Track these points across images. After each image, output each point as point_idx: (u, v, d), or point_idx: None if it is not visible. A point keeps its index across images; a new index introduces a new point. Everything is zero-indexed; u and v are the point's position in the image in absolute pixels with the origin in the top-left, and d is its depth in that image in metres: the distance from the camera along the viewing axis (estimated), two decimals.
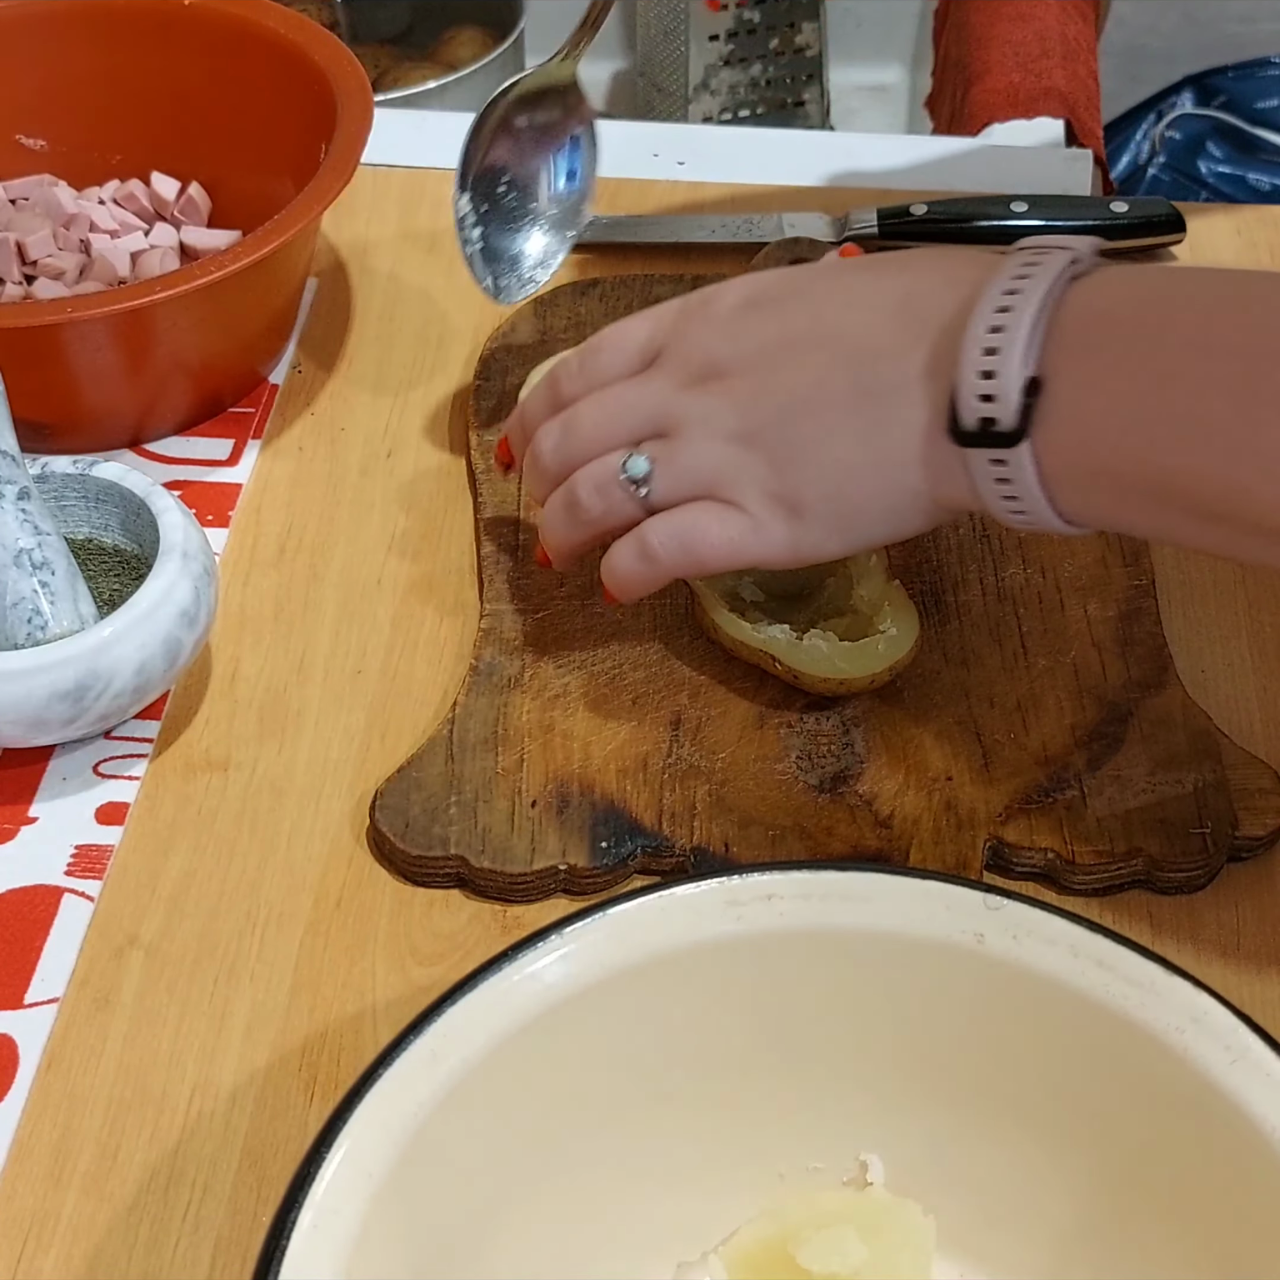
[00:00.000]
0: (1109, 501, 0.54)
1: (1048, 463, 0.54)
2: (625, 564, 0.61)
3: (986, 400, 0.53)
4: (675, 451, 0.59)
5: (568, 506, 0.62)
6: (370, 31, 1.35)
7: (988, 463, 0.54)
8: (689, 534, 0.59)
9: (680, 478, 0.59)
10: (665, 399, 0.60)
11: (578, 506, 0.61)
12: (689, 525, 0.59)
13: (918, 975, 0.49)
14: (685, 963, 0.49)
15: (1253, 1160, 0.46)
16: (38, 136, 0.83)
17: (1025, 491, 0.55)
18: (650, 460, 0.60)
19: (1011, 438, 0.53)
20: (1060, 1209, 0.51)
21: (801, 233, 0.84)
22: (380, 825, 0.61)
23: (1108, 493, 0.54)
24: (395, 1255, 0.45)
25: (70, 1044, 0.57)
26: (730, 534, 0.59)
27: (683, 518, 0.59)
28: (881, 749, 0.63)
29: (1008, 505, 0.55)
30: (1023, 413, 0.53)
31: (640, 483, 0.60)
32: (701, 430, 0.59)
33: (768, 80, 1.33)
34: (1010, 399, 0.53)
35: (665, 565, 0.60)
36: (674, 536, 0.59)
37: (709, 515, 0.59)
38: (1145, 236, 0.84)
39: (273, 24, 0.79)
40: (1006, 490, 0.55)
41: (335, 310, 0.83)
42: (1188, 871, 0.60)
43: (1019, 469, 0.54)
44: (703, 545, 0.59)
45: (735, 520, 0.59)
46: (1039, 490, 0.54)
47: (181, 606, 0.61)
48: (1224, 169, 1.67)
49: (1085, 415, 0.53)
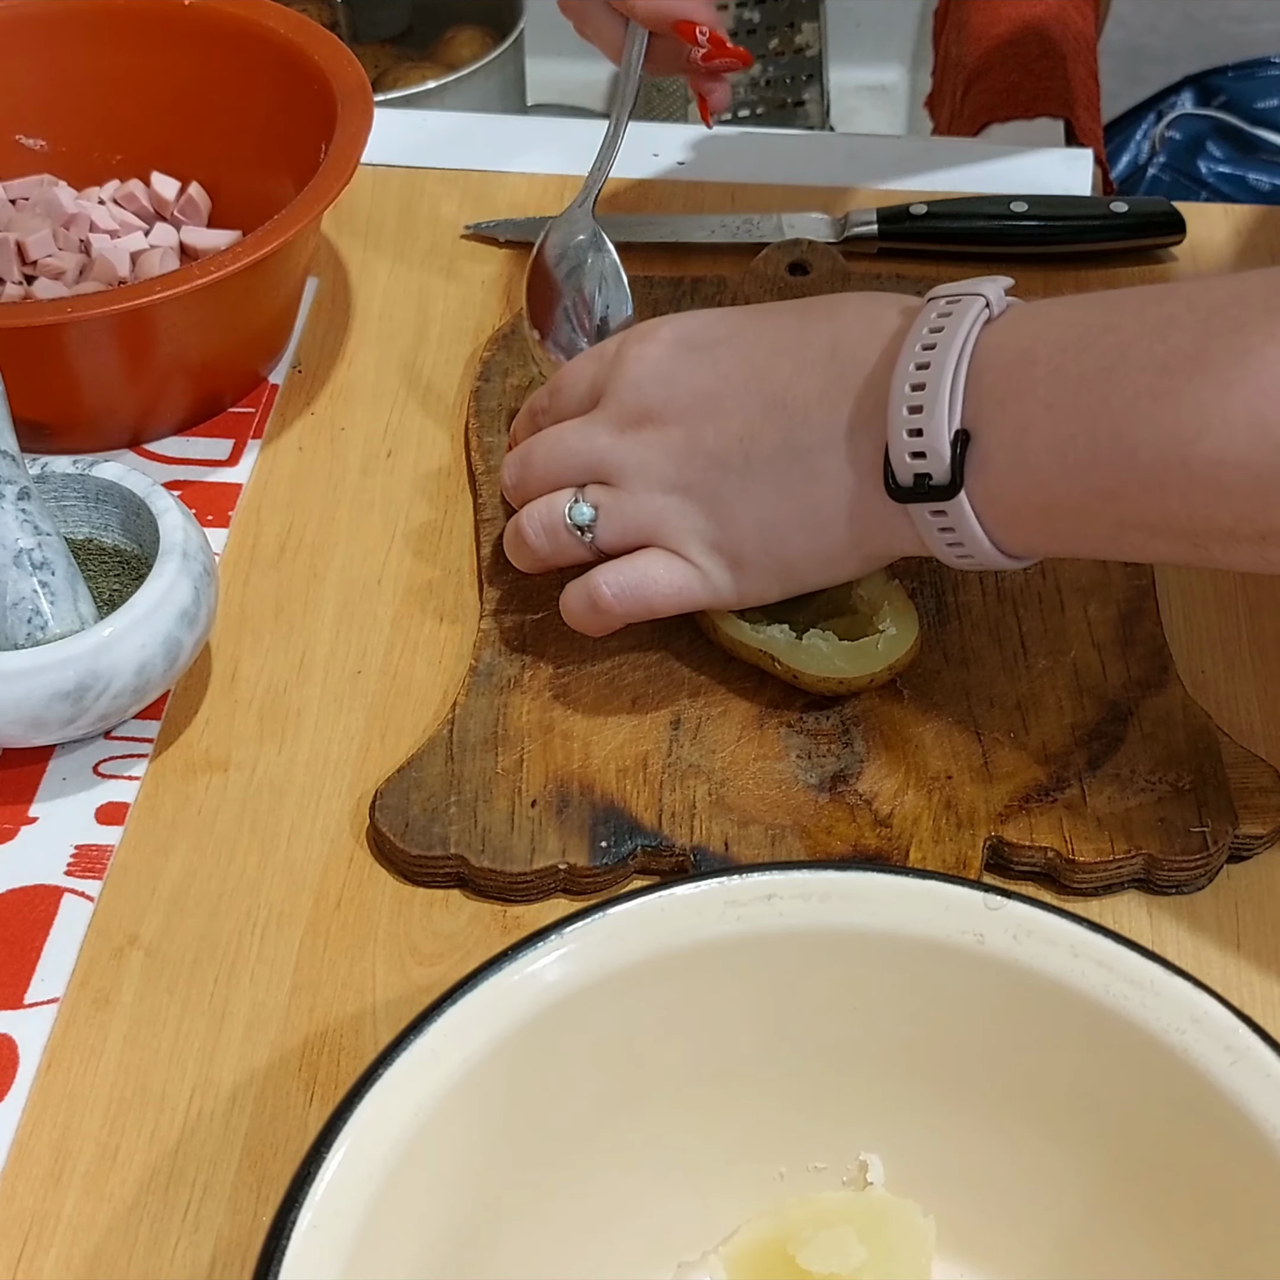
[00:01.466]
0: (1057, 533, 0.56)
1: (987, 509, 0.55)
2: (579, 610, 0.63)
3: (918, 457, 0.55)
4: (619, 500, 0.61)
5: (518, 542, 0.64)
6: (370, 31, 1.35)
7: (928, 514, 0.56)
8: (640, 586, 0.61)
9: (625, 525, 0.61)
10: (605, 445, 0.61)
11: (526, 545, 0.64)
12: (639, 576, 0.61)
13: (918, 975, 0.49)
14: (685, 963, 0.49)
15: (1253, 1160, 0.46)
16: (38, 136, 0.83)
17: (969, 538, 0.56)
18: (594, 507, 0.62)
19: (948, 491, 0.55)
20: (1060, 1209, 0.51)
21: (801, 233, 0.84)
22: (380, 825, 0.61)
23: (1054, 525, 0.55)
24: (395, 1255, 0.45)
25: (70, 1044, 0.57)
26: (679, 583, 0.61)
27: (633, 568, 0.61)
28: (881, 749, 0.63)
29: (954, 550, 0.57)
30: (954, 466, 0.54)
31: (585, 529, 0.62)
32: (640, 481, 0.61)
33: (768, 80, 1.33)
34: (941, 454, 0.54)
35: (617, 614, 0.62)
36: (625, 589, 0.61)
37: (658, 565, 0.61)
38: (1145, 236, 0.84)
39: (273, 24, 0.79)
40: (951, 537, 0.56)
41: (335, 310, 0.83)
42: (1188, 871, 0.60)
43: (960, 518, 0.55)
44: (654, 596, 0.61)
45: (682, 569, 0.61)
46: (982, 535, 0.56)
47: (181, 606, 0.61)
48: (1224, 169, 1.67)
49: (1018, 458, 0.54)
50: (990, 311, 0.56)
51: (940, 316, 0.56)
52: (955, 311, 0.56)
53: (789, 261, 0.81)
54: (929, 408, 0.54)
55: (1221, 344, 0.50)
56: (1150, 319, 0.52)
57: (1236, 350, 0.50)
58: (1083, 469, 0.53)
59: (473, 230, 0.86)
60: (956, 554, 0.57)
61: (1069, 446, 0.53)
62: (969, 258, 0.84)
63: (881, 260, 0.84)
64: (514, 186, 0.89)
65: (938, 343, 0.55)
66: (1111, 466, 0.52)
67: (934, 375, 0.54)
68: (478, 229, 0.86)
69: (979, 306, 0.56)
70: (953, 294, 0.57)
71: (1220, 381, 0.50)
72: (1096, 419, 0.52)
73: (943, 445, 0.54)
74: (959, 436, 0.54)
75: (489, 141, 0.93)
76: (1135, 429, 0.51)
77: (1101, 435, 0.52)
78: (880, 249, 0.84)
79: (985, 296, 0.56)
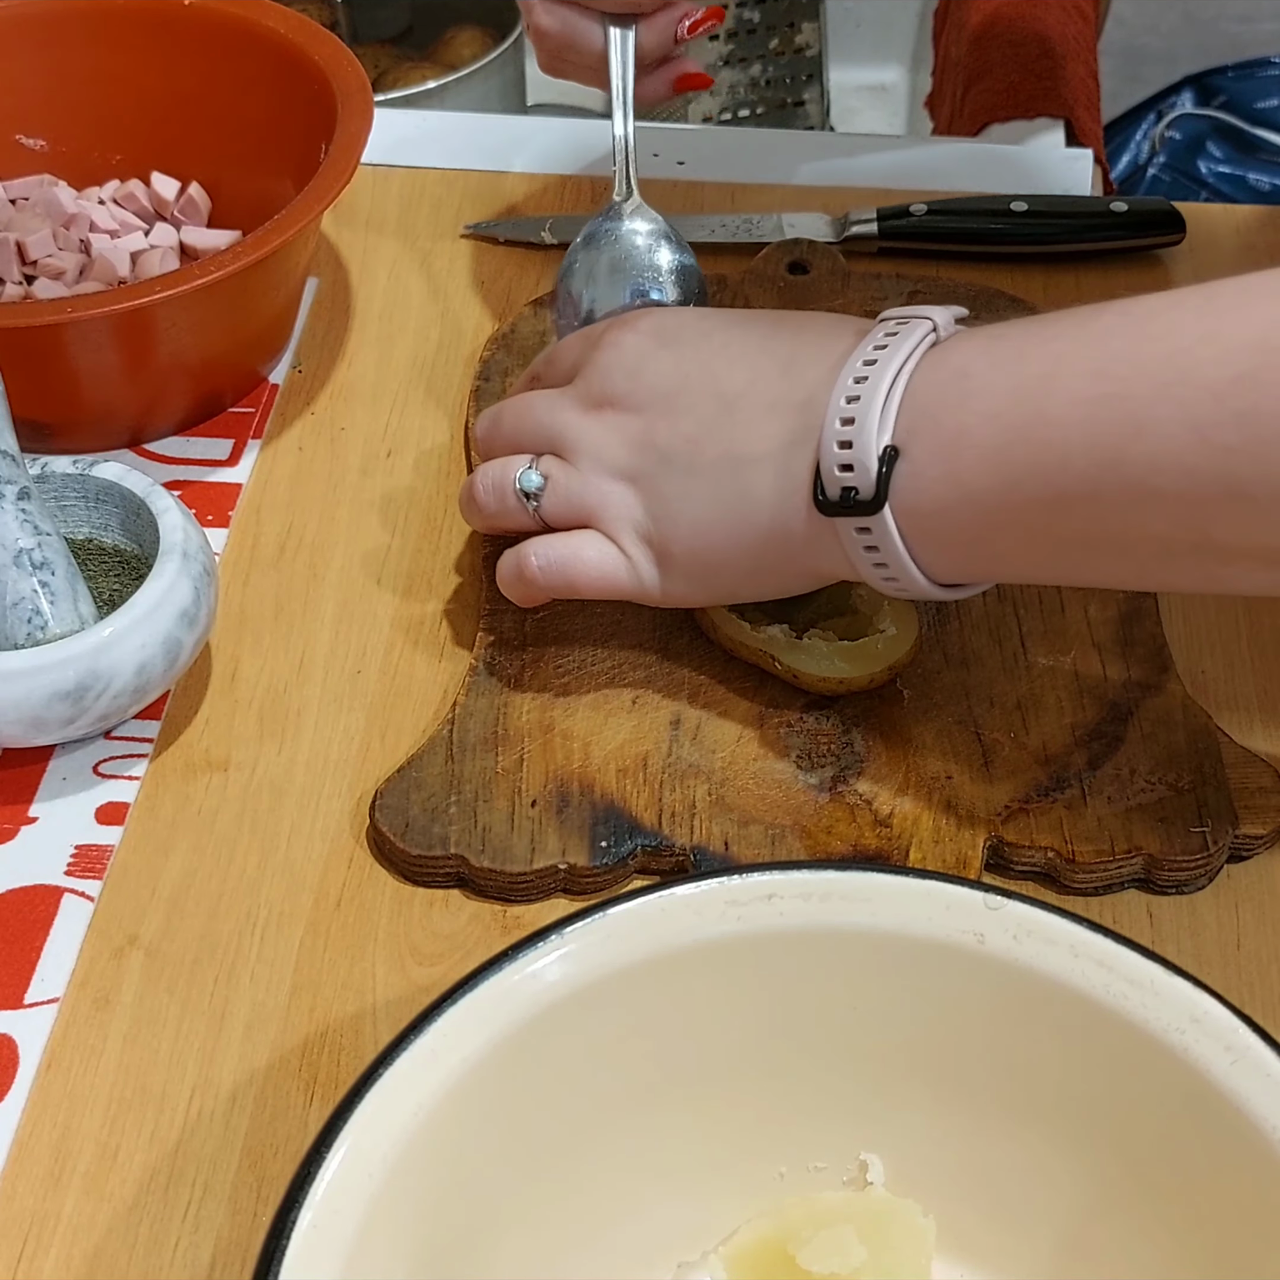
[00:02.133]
0: (990, 553, 0.56)
1: (914, 527, 0.55)
2: (507, 576, 0.64)
3: (847, 470, 0.55)
4: (568, 475, 0.62)
5: (468, 496, 0.65)
6: (370, 31, 1.35)
7: (854, 531, 0.56)
8: (567, 562, 0.62)
9: (569, 501, 0.62)
10: (567, 420, 0.62)
11: (475, 500, 0.65)
12: (569, 555, 0.62)
13: (918, 975, 0.49)
14: (685, 963, 0.49)
15: (1253, 1160, 0.46)
16: (38, 136, 0.83)
17: (893, 559, 0.56)
18: (544, 477, 0.62)
19: (872, 505, 0.55)
20: (1060, 1209, 0.51)
21: (801, 233, 0.84)
22: (380, 825, 0.61)
23: (987, 544, 0.55)
24: (395, 1255, 0.45)
25: (70, 1044, 0.57)
26: (605, 569, 0.62)
27: (565, 546, 0.62)
28: (881, 749, 0.63)
29: (880, 573, 0.57)
30: (880, 480, 0.54)
31: (531, 496, 0.62)
32: (592, 461, 0.62)
33: (768, 80, 1.33)
34: (868, 467, 0.54)
35: (541, 585, 0.63)
36: (554, 563, 0.62)
37: (589, 547, 0.62)
38: (1145, 236, 0.84)
39: (273, 24, 0.79)
40: (876, 557, 0.56)
41: (335, 310, 0.83)
42: (1188, 870, 0.60)
43: (884, 536, 0.55)
44: (580, 576, 0.62)
45: (613, 556, 0.61)
46: (905, 555, 0.56)
47: (181, 606, 0.61)
48: (1224, 169, 1.67)
49: (950, 472, 0.54)
50: (937, 335, 0.56)
51: (886, 335, 0.57)
52: (901, 332, 0.56)
53: (789, 261, 0.81)
54: (860, 420, 0.55)
55: (1156, 348, 0.50)
56: (1087, 330, 0.52)
57: (1170, 352, 0.50)
58: (1017, 479, 0.52)
59: (473, 230, 0.86)
60: (883, 576, 0.57)
61: (1003, 457, 0.53)
62: (969, 257, 0.84)
63: (881, 260, 0.84)
64: (514, 186, 0.89)
65: (879, 359, 0.56)
66: (1046, 476, 0.52)
67: (869, 389, 0.55)
68: (478, 229, 0.86)
69: (925, 329, 0.56)
70: (902, 316, 0.58)
71: (1154, 384, 0.49)
72: (1031, 427, 0.52)
73: (870, 458, 0.54)
74: (888, 451, 0.54)
75: (489, 141, 0.93)
76: (1069, 435, 0.51)
77: (1036, 444, 0.52)
78: (880, 248, 0.84)
79: (933, 320, 0.57)
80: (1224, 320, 0.49)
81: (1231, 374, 0.48)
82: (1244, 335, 0.49)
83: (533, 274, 0.84)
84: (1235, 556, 0.51)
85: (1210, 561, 0.51)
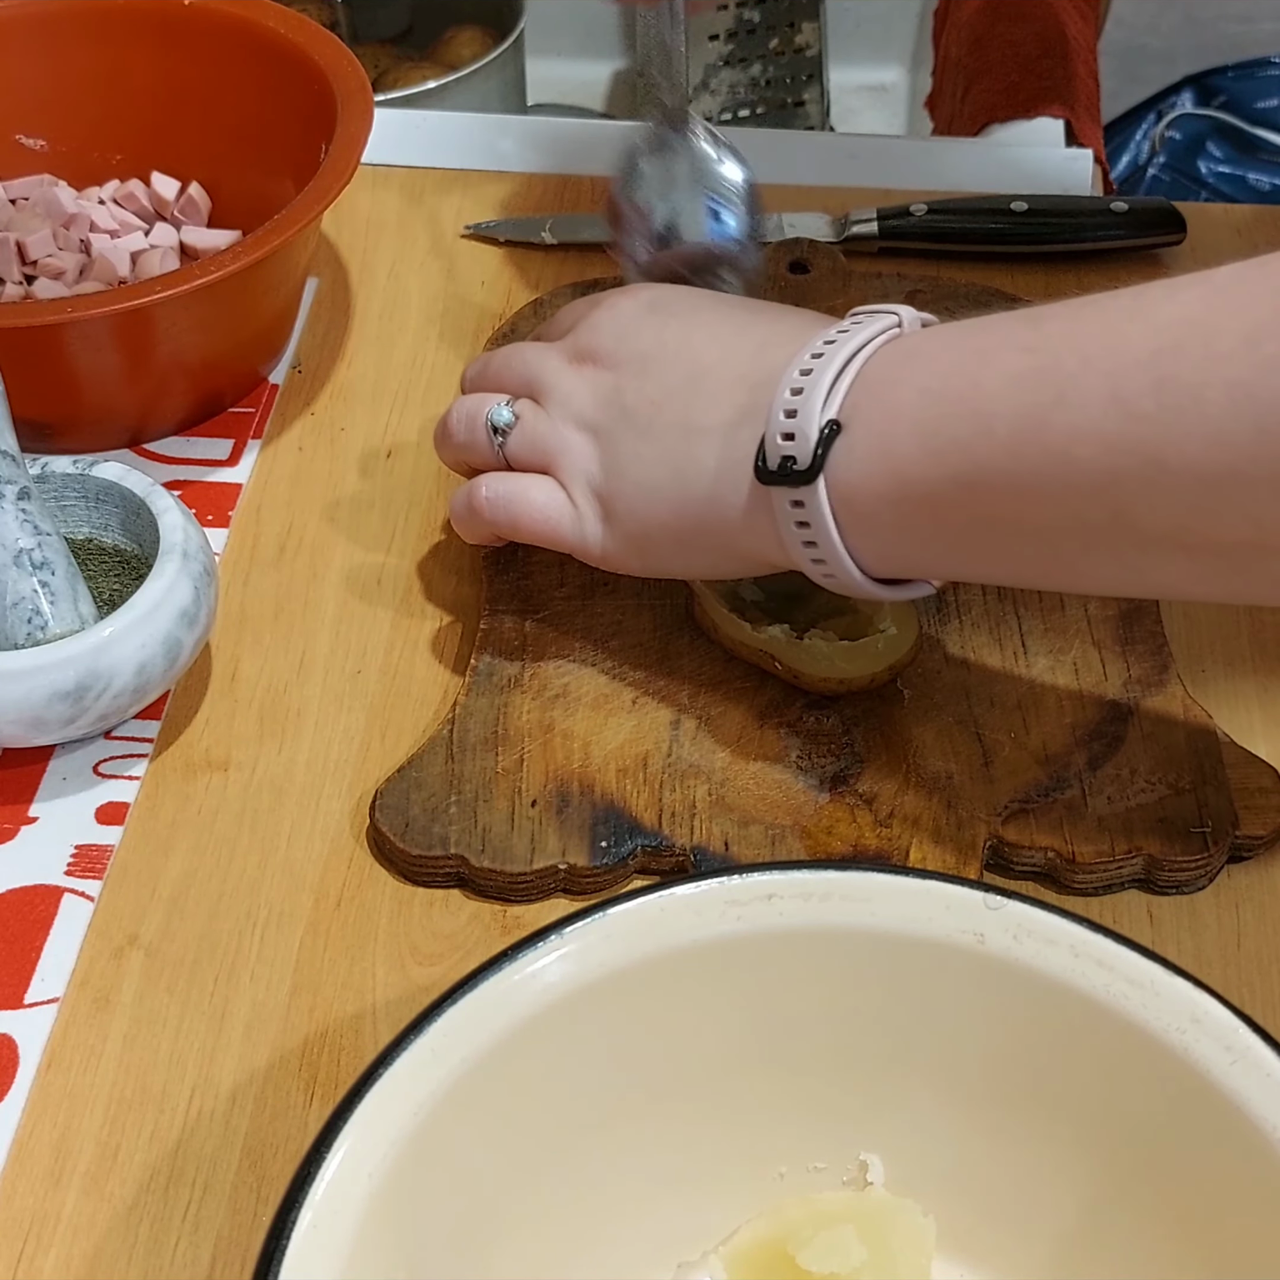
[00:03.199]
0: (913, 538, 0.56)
1: (845, 505, 0.56)
2: (458, 509, 0.66)
3: (789, 439, 0.56)
4: (536, 417, 0.64)
5: (443, 424, 0.67)
6: (370, 31, 1.35)
7: (788, 505, 0.56)
8: (515, 500, 0.63)
9: (535, 443, 0.64)
10: (550, 367, 0.64)
11: (448, 427, 0.67)
12: (518, 492, 0.63)
13: (918, 975, 0.49)
14: (685, 963, 0.49)
15: (1253, 1160, 0.46)
16: (38, 136, 0.83)
17: (822, 537, 0.56)
18: (515, 415, 0.64)
19: (807, 475, 0.55)
20: (1060, 1209, 0.51)
21: (801, 233, 0.84)
22: (380, 825, 0.61)
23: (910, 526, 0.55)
24: (395, 1256, 0.45)
25: (70, 1044, 0.57)
26: (550, 514, 0.63)
27: (516, 483, 0.64)
28: (881, 749, 0.63)
29: (809, 553, 0.57)
30: (817, 451, 0.55)
31: (499, 431, 0.64)
32: (562, 408, 0.63)
33: (768, 80, 1.33)
34: (808, 436, 0.55)
35: (486, 519, 0.64)
36: (502, 496, 0.64)
37: (540, 491, 0.63)
38: (1145, 236, 0.84)
39: (273, 24, 0.79)
40: (806, 535, 0.57)
41: (335, 310, 0.83)
42: (1188, 871, 0.60)
43: (815, 511, 0.56)
44: (524, 515, 0.63)
45: (561, 503, 0.63)
46: (834, 534, 0.56)
47: (181, 606, 0.61)
48: (1224, 169, 1.68)
49: (883, 448, 0.55)
50: (901, 330, 0.57)
51: (852, 323, 0.58)
52: (865, 321, 0.57)
53: (789, 260, 0.81)
54: (808, 391, 0.55)
55: (1086, 327, 0.51)
56: (1030, 316, 0.53)
57: (1100, 328, 0.50)
58: (943, 454, 0.53)
59: (473, 230, 0.86)
60: (812, 557, 0.57)
61: (933, 429, 0.53)
62: (969, 257, 0.84)
63: (881, 259, 0.84)
64: (514, 186, 0.89)
65: (837, 340, 0.57)
66: (969, 447, 0.52)
67: (821, 364, 0.56)
68: (478, 229, 0.86)
69: (890, 322, 0.57)
70: (871, 310, 0.59)
71: (1082, 356, 0.50)
72: (963, 400, 0.53)
73: (811, 428, 0.55)
74: (830, 425, 0.55)
75: (489, 141, 0.93)
76: (995, 406, 0.52)
77: (965, 416, 0.53)
78: (880, 248, 0.84)
79: (899, 316, 0.58)
80: (1155, 302, 0.50)
81: (1155, 345, 0.49)
82: (1172, 313, 0.49)
83: (533, 274, 0.84)
84: (1152, 541, 0.50)
85: (1128, 548, 0.51)
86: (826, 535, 0.56)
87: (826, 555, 0.57)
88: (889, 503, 0.55)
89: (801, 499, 0.56)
